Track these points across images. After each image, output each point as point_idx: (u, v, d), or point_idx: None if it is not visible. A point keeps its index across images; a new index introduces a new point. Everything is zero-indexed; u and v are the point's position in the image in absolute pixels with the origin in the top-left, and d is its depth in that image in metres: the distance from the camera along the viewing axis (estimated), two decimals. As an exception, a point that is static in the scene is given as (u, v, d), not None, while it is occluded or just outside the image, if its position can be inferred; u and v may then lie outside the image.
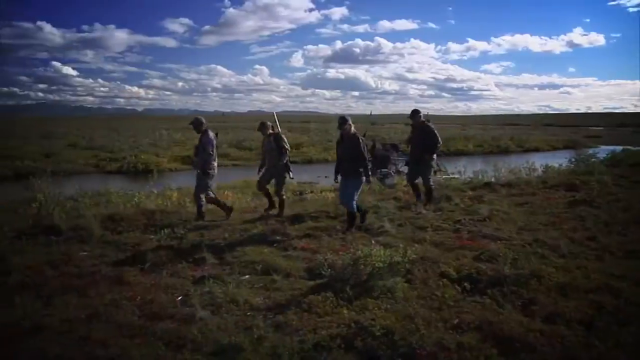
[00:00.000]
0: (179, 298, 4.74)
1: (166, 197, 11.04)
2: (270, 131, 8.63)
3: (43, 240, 7.00)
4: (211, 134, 8.44)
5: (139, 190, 12.39)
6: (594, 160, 15.98)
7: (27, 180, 10.84)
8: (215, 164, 8.48)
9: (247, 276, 5.45)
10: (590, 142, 45.49)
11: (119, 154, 28.49)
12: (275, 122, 8.90)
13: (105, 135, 42.28)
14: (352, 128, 7.51)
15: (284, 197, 8.70)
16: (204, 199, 8.44)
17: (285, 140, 8.56)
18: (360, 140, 7.42)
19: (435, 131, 9.29)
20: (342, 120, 7.50)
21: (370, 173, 7.53)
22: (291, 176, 8.68)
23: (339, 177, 7.75)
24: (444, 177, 16.74)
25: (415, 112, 9.45)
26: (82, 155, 29.71)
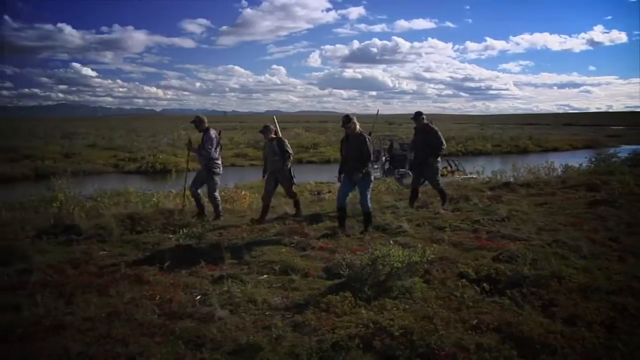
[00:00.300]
0: (198, 297, 4.76)
1: (184, 196, 11.13)
2: (273, 135, 8.55)
3: (64, 240, 7.11)
4: (212, 133, 8.50)
5: (157, 190, 12.54)
6: (615, 159, 15.79)
7: (48, 180, 11.03)
8: (220, 162, 8.56)
9: (265, 276, 5.46)
10: (611, 142, 44.98)
11: (138, 154, 28.83)
12: (277, 126, 8.79)
13: (124, 136, 42.80)
14: (357, 126, 7.39)
15: (297, 196, 8.68)
16: (219, 197, 8.50)
17: (288, 144, 8.47)
18: (367, 139, 7.28)
19: (439, 133, 9.19)
20: (347, 118, 7.34)
21: (363, 170, 7.25)
22: (294, 181, 8.61)
23: (342, 177, 7.57)
24: (462, 177, 16.68)
25: (418, 114, 9.32)
26: (101, 156, 30.15)
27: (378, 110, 10.48)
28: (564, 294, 4.59)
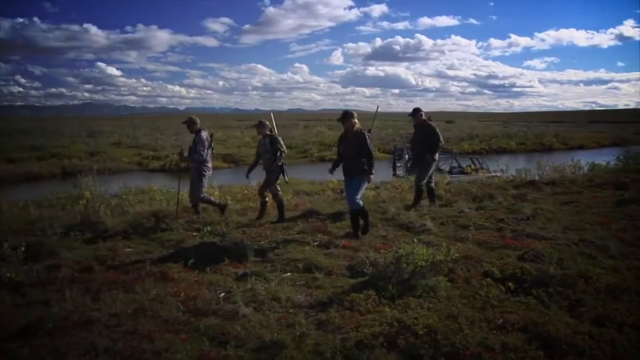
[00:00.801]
0: (222, 294, 4.80)
1: (208, 194, 11.20)
2: (267, 132, 8.31)
3: (90, 237, 7.22)
4: (204, 134, 8.46)
5: (181, 189, 12.64)
6: (644, 157, 15.45)
7: (75, 178, 11.22)
8: (210, 164, 8.51)
9: (288, 273, 5.48)
10: (640, 139, 44.13)
11: (162, 152, 29.16)
12: (273, 123, 8.53)
13: (148, 134, 43.31)
14: (357, 124, 7.08)
15: (267, 199, 8.38)
16: (206, 195, 8.47)
17: (281, 142, 8.22)
18: (367, 137, 7.00)
19: (437, 130, 9.05)
20: (344, 114, 7.06)
21: (372, 171, 6.99)
22: (286, 180, 8.37)
23: (345, 180, 7.25)
24: (486, 175, 16.54)
25: (416, 111, 9.21)
26: (125, 154, 30.58)
27: (377, 107, 10.28)
28: (591, 294, 4.51)
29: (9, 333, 3.95)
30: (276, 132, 8.50)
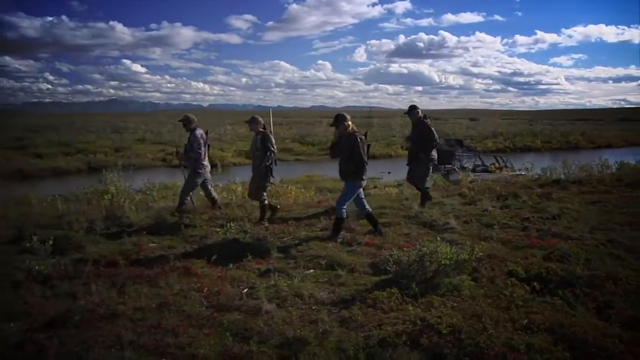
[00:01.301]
0: (245, 290, 4.81)
1: (231, 190, 11.28)
2: (261, 129, 8.03)
3: (115, 231, 7.31)
4: (199, 132, 8.45)
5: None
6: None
7: (100, 174, 11.38)
8: (206, 162, 8.49)
9: (311, 270, 5.48)
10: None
11: (186, 149, 29.47)
12: (270, 120, 8.25)
13: (172, 130, 43.72)
14: (351, 126, 6.84)
15: (265, 201, 8.08)
16: (188, 198, 8.47)
17: (273, 141, 7.92)
18: (358, 140, 6.69)
19: (432, 128, 8.77)
20: (337, 118, 6.88)
21: (363, 176, 6.81)
22: (271, 181, 8.14)
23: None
24: (510, 173, 16.37)
25: (412, 108, 8.95)
26: (150, 150, 30.98)
27: (371, 109, 9.84)
28: (620, 296, 4.42)
29: (39, 324, 4.03)
30: (271, 130, 8.22)
